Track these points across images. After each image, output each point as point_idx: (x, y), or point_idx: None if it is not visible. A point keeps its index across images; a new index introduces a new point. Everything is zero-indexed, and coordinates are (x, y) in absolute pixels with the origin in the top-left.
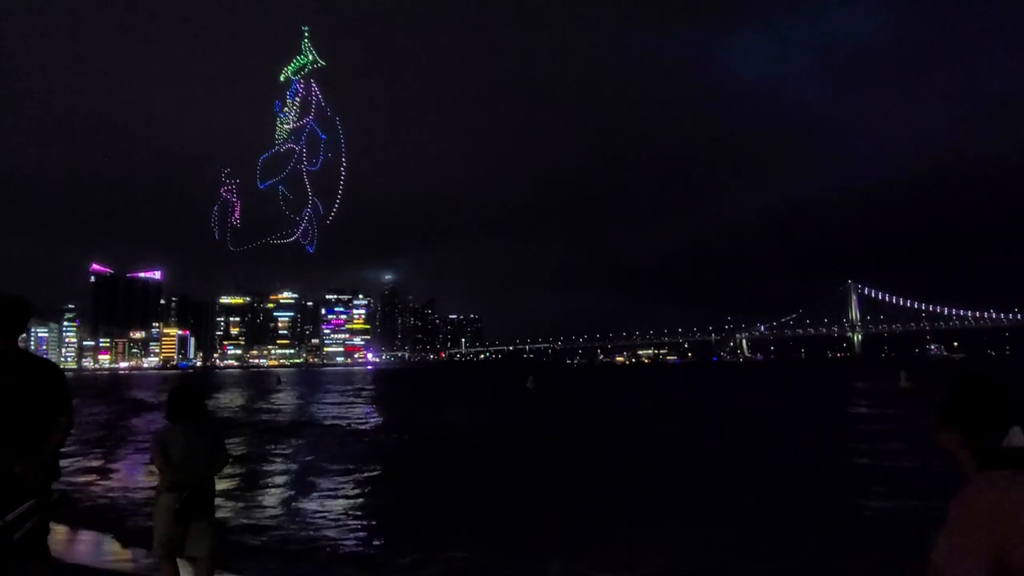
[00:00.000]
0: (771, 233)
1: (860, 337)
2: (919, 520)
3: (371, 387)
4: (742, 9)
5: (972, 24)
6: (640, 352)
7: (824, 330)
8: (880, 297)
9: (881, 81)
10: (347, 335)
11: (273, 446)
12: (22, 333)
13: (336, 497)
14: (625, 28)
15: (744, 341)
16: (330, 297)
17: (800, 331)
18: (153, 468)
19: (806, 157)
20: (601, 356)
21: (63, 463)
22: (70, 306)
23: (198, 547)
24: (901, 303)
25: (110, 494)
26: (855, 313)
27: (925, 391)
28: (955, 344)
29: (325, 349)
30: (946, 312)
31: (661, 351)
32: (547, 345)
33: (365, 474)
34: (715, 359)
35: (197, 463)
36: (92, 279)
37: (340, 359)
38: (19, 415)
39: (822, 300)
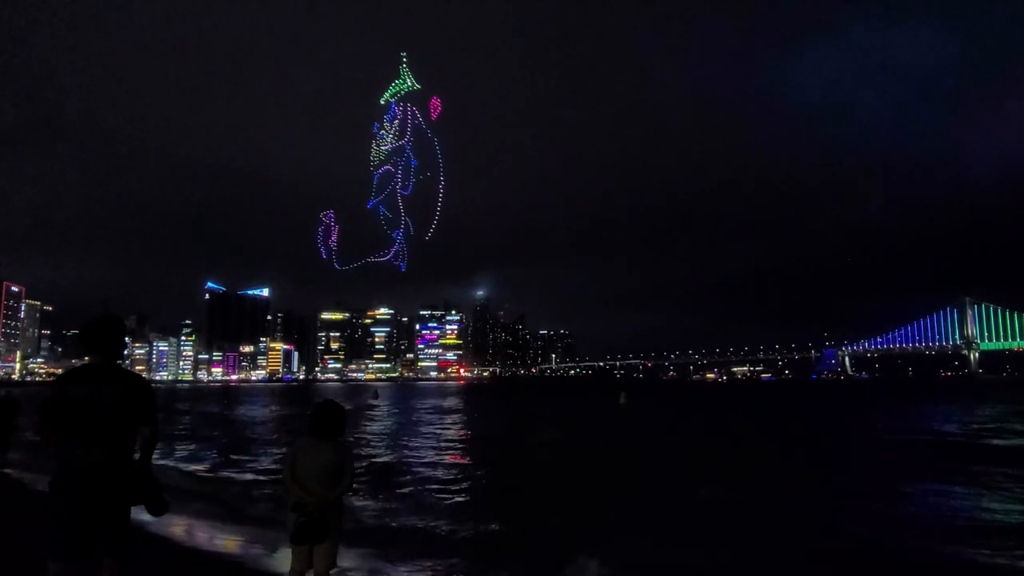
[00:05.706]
0: (870, 246)
1: (977, 355)
2: None
3: (462, 400)
4: (833, 31)
5: None
6: (734, 369)
7: (936, 347)
8: (1000, 312)
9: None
10: (440, 350)
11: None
12: (122, 350)
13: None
14: (716, 52)
15: (847, 358)
16: (424, 313)
17: (908, 347)
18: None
19: (901, 167)
20: (692, 372)
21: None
22: (187, 322)
23: (318, 563)
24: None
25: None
26: (971, 329)
27: None
28: None
29: (420, 364)
30: None
31: (755, 368)
32: (638, 361)
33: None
34: (814, 377)
35: (320, 482)
36: (207, 297)
37: (433, 373)
38: (114, 425)
39: (933, 315)
